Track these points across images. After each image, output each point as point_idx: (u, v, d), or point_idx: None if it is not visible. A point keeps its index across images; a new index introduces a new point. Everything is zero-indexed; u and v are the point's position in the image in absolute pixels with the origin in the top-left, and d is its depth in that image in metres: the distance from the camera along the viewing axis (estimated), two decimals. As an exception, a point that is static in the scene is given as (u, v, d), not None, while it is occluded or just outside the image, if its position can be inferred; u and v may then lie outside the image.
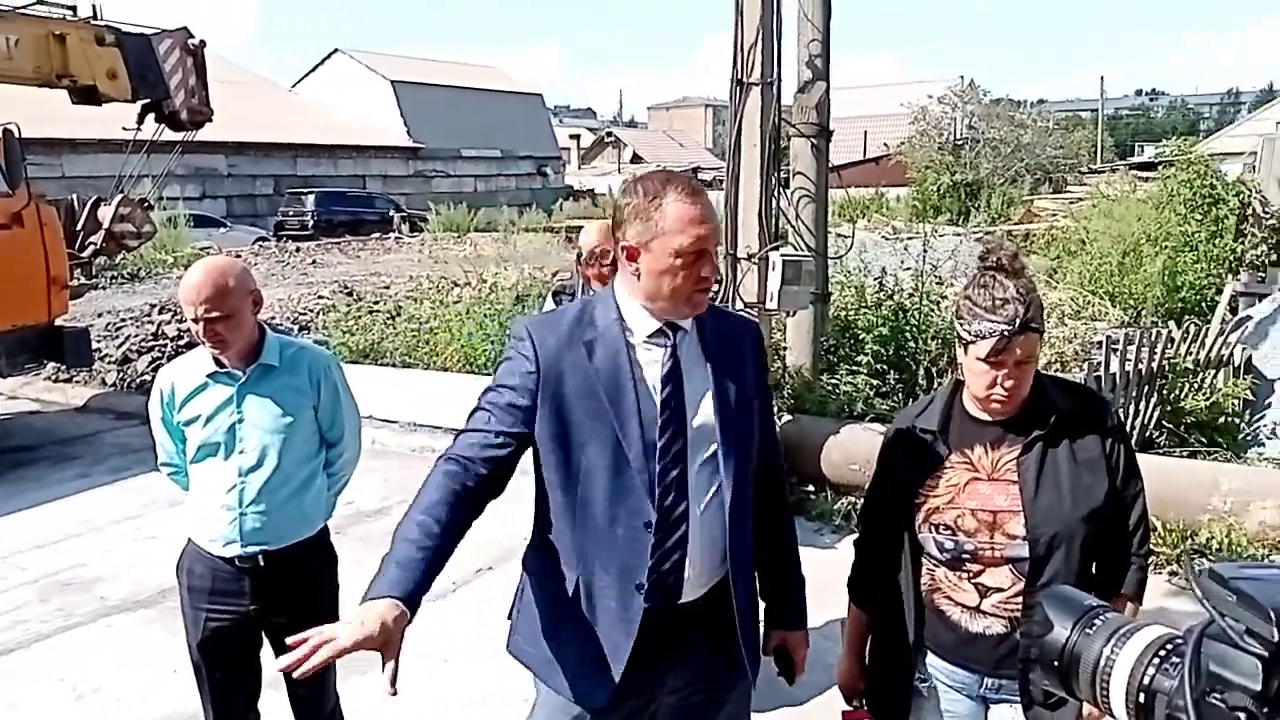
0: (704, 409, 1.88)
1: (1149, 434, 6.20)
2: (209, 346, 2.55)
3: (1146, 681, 0.90)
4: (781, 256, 5.67)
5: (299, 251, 21.15)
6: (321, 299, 12.95)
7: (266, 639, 2.77)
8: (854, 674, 2.24)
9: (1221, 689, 0.81)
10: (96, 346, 9.70)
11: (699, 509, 1.86)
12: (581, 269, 4.13)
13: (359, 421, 2.87)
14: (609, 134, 63.31)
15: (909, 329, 6.84)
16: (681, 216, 1.78)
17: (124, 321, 11.53)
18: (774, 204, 5.95)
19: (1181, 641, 0.89)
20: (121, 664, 4.12)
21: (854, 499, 5.34)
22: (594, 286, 3.98)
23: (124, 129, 8.86)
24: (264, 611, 2.67)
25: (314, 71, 41.45)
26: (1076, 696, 0.99)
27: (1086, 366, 6.62)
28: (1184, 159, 11.71)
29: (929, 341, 6.81)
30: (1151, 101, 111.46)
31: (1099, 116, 45.30)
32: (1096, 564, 2.00)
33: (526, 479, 1.92)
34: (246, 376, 2.60)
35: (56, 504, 6.21)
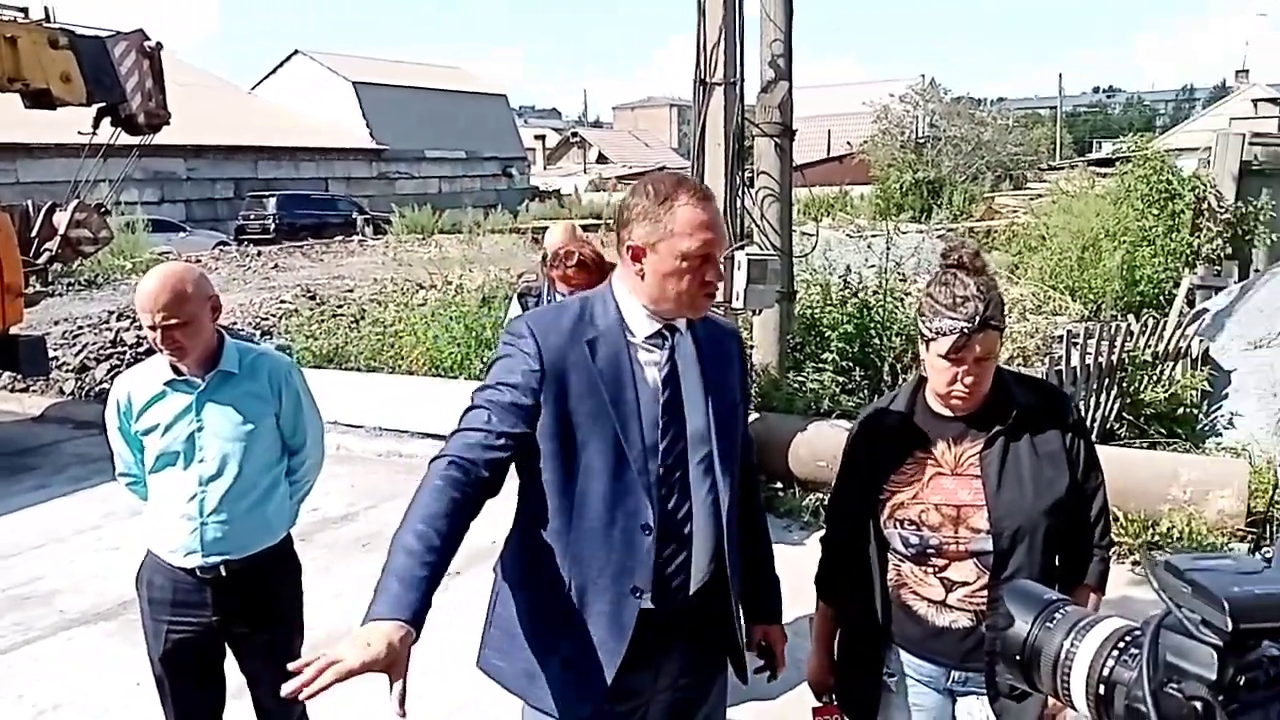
0: (700, 411, 1.89)
1: (1110, 426, 6.28)
2: (167, 354, 2.51)
3: (1106, 673, 0.91)
4: (747, 256, 5.69)
5: (260, 255, 20.92)
6: (284, 303, 12.81)
7: (230, 649, 2.73)
8: (823, 670, 2.25)
9: (1178, 679, 0.82)
10: (53, 355, 9.54)
11: (699, 509, 1.89)
12: (546, 270, 4.12)
13: (321, 428, 2.84)
14: (574, 134, 63.29)
15: (874, 326, 6.90)
16: (691, 220, 1.78)
17: (81, 329, 11.35)
18: (739, 203, 5.98)
19: (1140, 633, 0.90)
20: (83, 679, 4.05)
21: (822, 495, 5.37)
22: (559, 288, 3.97)
23: (80, 133, 8.69)
24: (226, 622, 2.63)
25: (274, 73, 41.04)
26: (1039, 689, 1.00)
27: (1048, 361, 6.70)
28: (1141, 155, 11.87)
29: (894, 338, 6.86)
30: (1109, 98, 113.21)
31: (1058, 114, 45.97)
32: (1059, 556, 2.03)
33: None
34: (206, 384, 2.56)
35: (14, 516, 6.09)
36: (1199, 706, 0.80)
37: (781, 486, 5.80)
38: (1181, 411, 6.55)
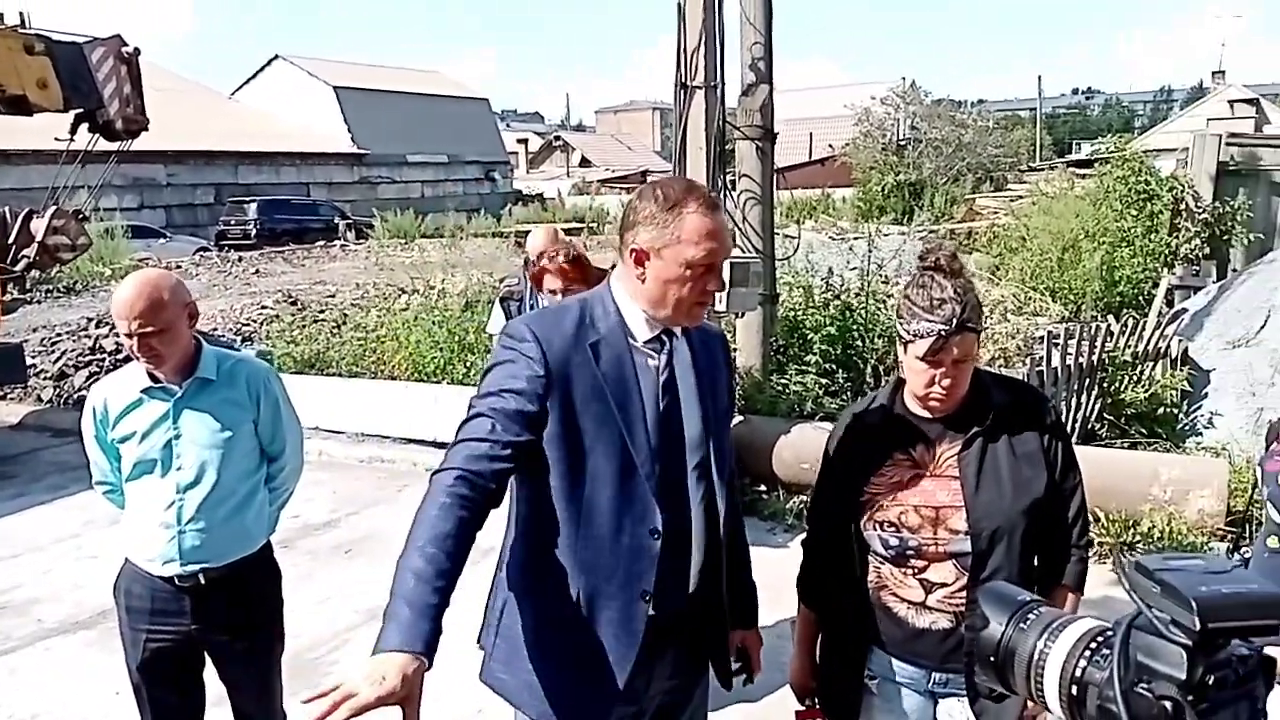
0: (695, 416, 1.90)
1: (1090, 426, 6.32)
2: (143, 362, 2.49)
3: (1078, 674, 0.91)
4: (729, 259, 5.69)
5: (241, 261, 20.80)
6: (265, 309, 12.74)
7: (209, 658, 2.71)
8: (805, 673, 2.25)
9: (1149, 679, 0.83)
10: (31, 362, 9.47)
11: (695, 514, 1.90)
12: (529, 274, 4.11)
13: (301, 434, 2.83)
14: (557, 138, 63.17)
15: (856, 328, 6.92)
16: (698, 229, 1.77)
17: (60, 336, 11.25)
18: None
19: (1111, 633, 0.91)
20: (61, 688, 4.01)
21: (805, 498, 5.37)
22: (542, 291, 3.96)
23: (57, 139, 8.63)
24: (205, 630, 2.61)
25: (255, 78, 40.75)
26: (1014, 691, 1.01)
27: (1029, 361, 6.74)
28: (1119, 156, 11.98)
29: (876, 340, 6.89)
30: (1088, 100, 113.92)
31: (1037, 115, 46.16)
32: (1038, 557, 2.04)
33: None
34: (183, 391, 2.54)
35: (-9, 525, 6.02)
36: (1169, 706, 0.81)
37: (765, 489, 5.81)
38: (1161, 411, 6.61)
